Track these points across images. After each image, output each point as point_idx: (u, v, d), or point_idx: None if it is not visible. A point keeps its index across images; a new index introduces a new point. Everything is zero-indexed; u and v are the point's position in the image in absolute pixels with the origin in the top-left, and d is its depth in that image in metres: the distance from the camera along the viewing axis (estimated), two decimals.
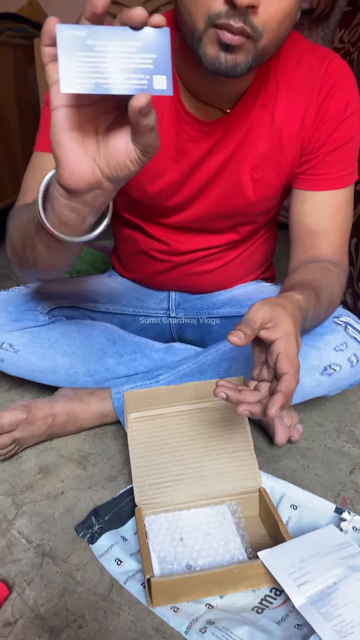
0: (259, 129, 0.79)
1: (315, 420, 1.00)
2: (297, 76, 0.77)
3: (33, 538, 0.74)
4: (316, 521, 0.74)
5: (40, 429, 0.88)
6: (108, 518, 0.75)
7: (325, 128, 0.79)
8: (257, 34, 0.62)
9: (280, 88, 0.77)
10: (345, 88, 0.78)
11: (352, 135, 0.80)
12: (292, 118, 0.78)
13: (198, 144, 0.80)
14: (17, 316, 0.91)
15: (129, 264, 1.05)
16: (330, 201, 0.82)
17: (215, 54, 0.64)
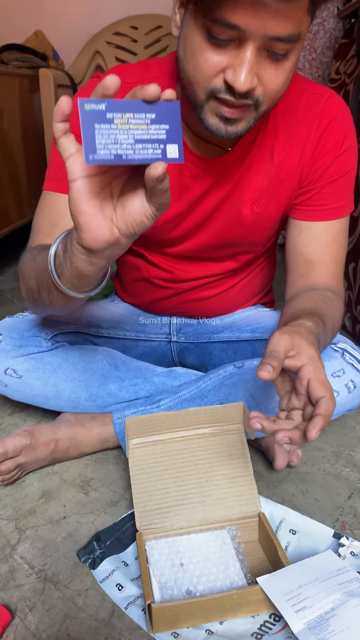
0: (258, 166, 0.82)
1: (315, 444, 1.01)
2: (296, 115, 0.80)
3: (35, 563, 0.75)
4: (315, 546, 0.75)
5: (43, 454, 0.89)
6: (109, 543, 0.76)
7: (323, 161, 0.82)
8: (257, 103, 0.66)
9: (279, 127, 0.81)
10: (342, 123, 0.81)
11: (348, 169, 0.83)
12: (291, 153, 0.82)
13: (199, 181, 0.83)
14: (21, 342, 0.93)
15: (131, 290, 1.08)
16: (327, 231, 0.85)
17: (216, 124, 0.67)
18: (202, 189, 0.83)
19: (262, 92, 0.64)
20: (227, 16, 0.58)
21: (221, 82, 0.63)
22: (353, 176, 0.85)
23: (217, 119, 0.67)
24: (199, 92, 0.66)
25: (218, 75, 0.63)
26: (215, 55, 0.62)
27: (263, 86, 0.64)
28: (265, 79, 0.63)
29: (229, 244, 0.91)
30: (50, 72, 1.91)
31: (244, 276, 1.00)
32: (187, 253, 0.92)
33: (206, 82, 0.64)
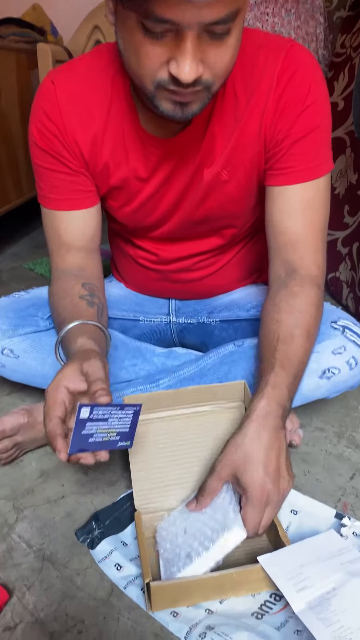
0: (221, 134, 0.78)
1: (316, 425, 1.00)
2: (254, 75, 0.75)
3: (33, 542, 0.74)
4: (316, 526, 0.74)
5: (41, 433, 0.88)
6: (108, 523, 0.75)
7: (285, 120, 0.76)
8: (208, 85, 0.63)
9: (238, 92, 0.76)
10: (304, 76, 0.74)
11: (316, 124, 0.76)
12: (252, 116, 0.76)
13: (165, 162, 0.80)
14: (17, 322, 0.92)
15: (124, 274, 1.06)
16: (301, 196, 0.79)
17: (171, 108, 0.65)
18: (169, 169, 0.81)
19: (210, 75, 0.62)
20: (158, 12, 0.54)
21: (166, 74, 0.61)
22: (325, 132, 0.78)
23: (170, 104, 0.65)
24: (146, 85, 0.63)
25: (162, 67, 0.60)
26: (156, 47, 0.59)
27: (210, 68, 0.61)
28: (210, 62, 0.60)
29: (206, 218, 0.88)
30: (49, 47, 1.86)
31: (234, 253, 0.98)
32: (170, 234, 0.90)
33: (151, 76, 0.62)
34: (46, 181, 0.83)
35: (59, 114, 0.77)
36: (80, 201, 0.83)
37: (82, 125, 0.78)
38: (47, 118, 0.78)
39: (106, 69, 0.78)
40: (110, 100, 0.77)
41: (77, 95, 0.77)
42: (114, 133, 0.79)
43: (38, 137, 0.80)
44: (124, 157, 0.80)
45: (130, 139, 0.79)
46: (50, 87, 0.78)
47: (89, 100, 0.78)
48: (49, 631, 0.62)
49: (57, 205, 0.83)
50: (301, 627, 0.58)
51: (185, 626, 0.60)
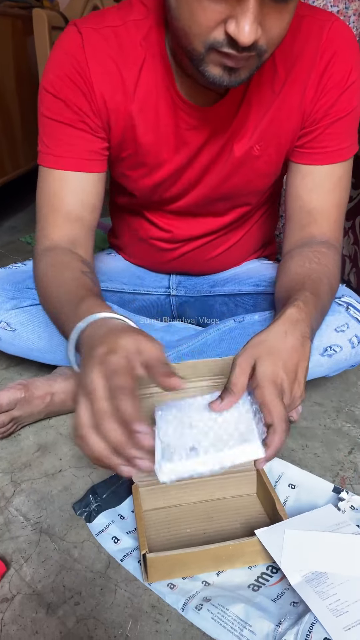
0: (257, 106, 0.75)
1: (315, 400, 0.99)
2: (295, 46, 0.72)
3: (31, 515, 0.74)
4: (314, 501, 0.74)
5: (39, 408, 0.88)
6: (105, 496, 0.75)
7: (327, 98, 0.74)
8: (261, 52, 0.59)
9: (277, 62, 0.73)
10: (347, 55, 0.73)
11: (354, 106, 0.76)
12: (292, 90, 0.74)
13: (197, 132, 0.76)
14: (14, 294, 0.90)
15: (131, 251, 1.04)
16: (330, 176, 0.79)
17: (219, 74, 0.61)
18: (200, 140, 0.77)
19: (265, 41, 0.58)
20: None
21: (222, 34, 0.56)
22: (358, 114, 0.78)
23: (219, 69, 0.60)
24: (196, 46, 0.59)
25: (218, 27, 0.56)
26: (214, 3, 0.54)
27: (266, 34, 0.57)
28: (268, 26, 0.56)
29: (228, 195, 0.85)
30: (45, 13, 1.81)
31: (244, 232, 0.96)
32: (187, 208, 0.87)
33: (205, 35, 0.57)
34: (54, 136, 0.75)
35: (86, 65, 0.70)
36: (91, 163, 0.76)
37: (111, 82, 0.72)
38: (70, 65, 0.70)
39: (137, 22, 0.72)
40: (143, 59, 0.72)
41: (106, 51, 0.71)
42: (145, 94, 0.73)
43: (57, 84, 0.71)
44: (154, 120, 0.75)
45: (163, 102, 0.74)
46: (77, 38, 0.71)
47: (120, 57, 0.71)
48: (46, 602, 0.62)
49: (63, 163, 0.75)
50: (297, 599, 0.59)
51: (182, 598, 0.61)
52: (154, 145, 0.77)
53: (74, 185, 0.76)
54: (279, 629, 0.55)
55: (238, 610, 0.58)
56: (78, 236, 0.77)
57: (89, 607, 0.61)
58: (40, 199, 0.78)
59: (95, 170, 0.77)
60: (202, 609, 0.59)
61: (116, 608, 0.61)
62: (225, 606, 0.59)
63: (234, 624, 0.57)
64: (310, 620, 0.54)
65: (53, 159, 0.75)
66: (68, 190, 0.76)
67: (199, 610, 0.59)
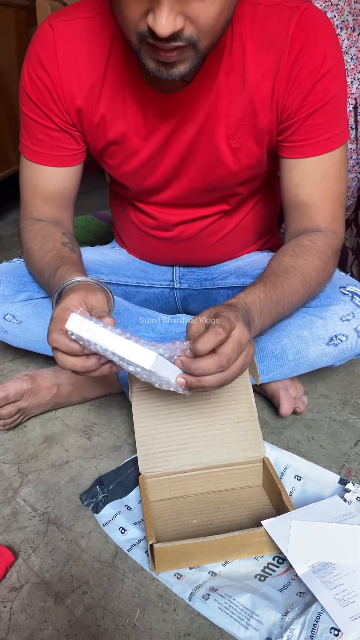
0: (227, 96, 0.74)
1: (321, 392, 0.99)
2: (266, 33, 0.70)
3: (38, 506, 0.75)
4: (320, 492, 0.74)
5: (45, 399, 0.88)
6: (112, 487, 0.76)
7: (299, 90, 0.72)
8: (193, 41, 0.58)
9: (247, 49, 0.71)
10: (319, 43, 0.70)
11: (332, 94, 0.73)
12: (264, 81, 0.72)
13: (165, 119, 0.76)
14: (20, 287, 0.90)
15: (126, 240, 1.04)
16: (317, 168, 0.77)
17: (156, 67, 0.61)
18: (169, 127, 0.77)
19: (193, 30, 0.57)
20: None
21: (146, 26, 0.57)
22: (340, 101, 0.75)
23: (155, 62, 0.61)
24: (131, 38, 0.60)
25: (142, 19, 0.57)
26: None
27: (193, 23, 0.57)
28: (194, 16, 0.56)
29: (214, 187, 0.84)
30: (48, 3, 1.79)
31: (240, 218, 0.95)
32: (174, 200, 0.87)
33: (133, 28, 0.58)
34: (30, 131, 0.81)
35: (56, 63, 0.74)
36: (61, 159, 0.82)
37: (80, 74, 0.75)
38: (41, 67, 0.75)
39: (108, 15, 0.73)
40: (110, 49, 0.74)
41: (76, 42, 0.74)
42: (113, 84, 0.75)
43: (29, 85, 0.77)
44: (122, 110, 0.77)
45: (129, 91, 0.75)
46: (48, 32, 0.74)
47: (89, 48, 0.74)
48: (54, 591, 0.63)
49: (37, 158, 0.82)
50: (304, 589, 0.59)
51: (189, 588, 0.61)
52: (125, 133, 0.79)
53: (48, 177, 0.83)
54: (285, 618, 0.56)
55: (245, 600, 0.58)
56: (58, 215, 0.86)
57: (97, 596, 0.62)
58: (21, 183, 0.86)
59: (65, 164, 0.83)
60: (209, 598, 0.59)
61: (124, 597, 0.62)
62: (232, 596, 0.59)
63: (241, 614, 0.57)
64: (317, 610, 0.54)
65: (28, 152, 0.82)
66: (42, 180, 0.83)
67: (206, 600, 0.59)
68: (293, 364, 0.86)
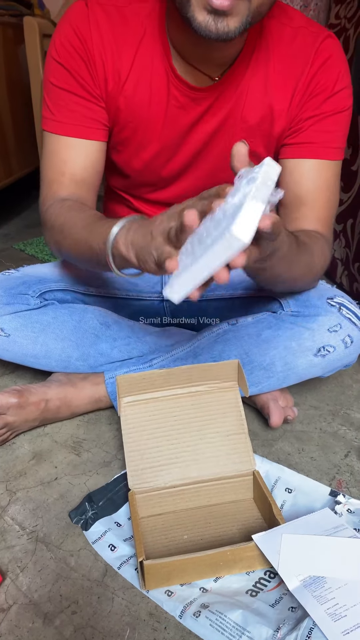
0: (249, 98, 0.78)
1: (311, 403, 0.99)
2: (290, 50, 0.76)
3: (26, 524, 0.73)
4: (311, 504, 0.74)
5: (33, 414, 0.87)
6: (102, 504, 0.75)
7: (313, 101, 0.78)
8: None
9: (272, 59, 0.76)
10: (337, 64, 0.77)
11: (340, 108, 0.79)
12: (284, 91, 0.78)
13: (186, 112, 0.79)
14: (8, 300, 0.90)
15: None
16: (318, 171, 0.80)
17: (205, 20, 0.62)
18: (190, 119, 0.79)
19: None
20: None
21: None
22: (346, 120, 0.80)
23: (205, 13, 0.61)
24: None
25: None
26: None
27: None
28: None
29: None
30: (35, 21, 1.81)
31: None
32: (175, 199, 0.88)
33: None
34: (59, 102, 0.77)
35: (89, 35, 0.74)
36: (93, 131, 0.79)
37: (110, 55, 0.75)
38: (74, 35, 0.74)
39: (141, 5, 0.75)
40: (141, 37, 0.75)
41: (108, 24, 0.74)
42: (141, 70, 0.76)
43: (61, 52, 0.75)
44: (148, 97, 0.78)
45: (157, 79, 0.77)
46: (84, 9, 0.75)
47: (121, 32, 0.75)
48: (43, 612, 0.61)
49: (66, 130, 0.78)
50: (296, 604, 0.58)
51: (180, 605, 0.60)
52: (145, 120, 0.79)
53: (77, 150, 0.79)
54: (277, 634, 0.55)
55: (236, 616, 0.58)
56: (84, 195, 0.80)
57: (86, 616, 0.61)
58: (44, 163, 0.81)
59: (95, 138, 0.79)
60: (200, 615, 0.58)
61: (114, 616, 0.61)
62: (223, 612, 0.58)
63: (233, 631, 0.56)
64: (309, 625, 0.54)
65: (56, 125, 0.78)
66: (71, 154, 0.79)
67: (197, 617, 0.58)
68: (282, 375, 0.86)
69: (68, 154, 0.79)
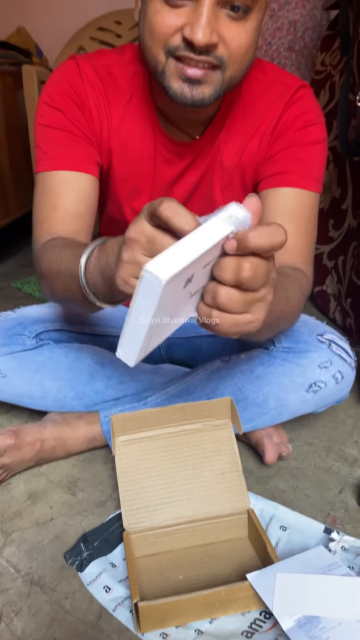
0: (224, 153, 0.82)
1: (305, 439, 1.00)
2: (264, 103, 0.80)
3: (21, 566, 0.73)
4: (306, 542, 0.74)
5: (29, 455, 0.88)
6: (97, 544, 0.75)
7: (285, 135, 0.80)
8: (222, 63, 0.64)
9: (247, 116, 0.80)
10: (308, 104, 0.80)
11: (313, 140, 0.80)
12: (255, 138, 0.81)
13: (172, 166, 0.83)
14: (4, 341, 0.91)
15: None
16: (294, 200, 0.80)
17: (180, 87, 0.66)
18: (175, 173, 0.84)
19: (225, 51, 0.64)
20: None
21: (179, 39, 0.63)
22: (319, 153, 0.81)
23: (180, 81, 0.66)
24: (157, 54, 0.65)
25: (176, 34, 0.63)
26: (172, 15, 0.62)
27: (225, 45, 0.63)
28: (227, 37, 0.63)
29: None
30: (34, 69, 1.88)
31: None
32: None
33: (164, 41, 0.64)
34: (51, 141, 0.78)
35: (83, 87, 0.77)
36: (86, 164, 0.78)
37: (104, 109, 0.78)
38: (68, 85, 0.77)
39: (128, 64, 0.79)
40: (130, 94, 0.79)
41: (98, 83, 0.78)
42: (130, 125, 0.80)
43: (55, 98, 0.77)
44: (137, 151, 0.82)
45: (145, 135, 0.81)
46: (75, 66, 0.78)
47: (111, 90, 0.78)
48: None
49: (59, 164, 0.77)
50: None
51: None
52: (137, 173, 0.84)
53: (71, 183, 0.78)
54: None
55: None
56: (79, 230, 0.78)
57: None
58: (37, 202, 0.80)
59: (89, 171, 0.79)
60: None
61: None
62: None
63: None
64: None
65: (49, 162, 0.78)
66: (64, 187, 0.78)
67: None
68: (275, 411, 0.87)
69: (61, 188, 0.78)
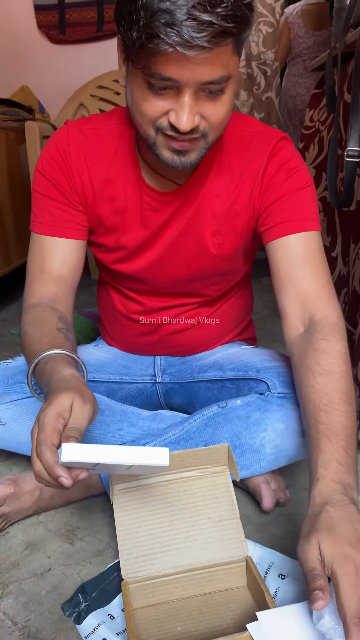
0: (213, 198, 0.87)
1: (303, 485, 1.00)
2: (248, 152, 0.86)
3: (19, 619, 0.72)
4: (305, 590, 0.73)
5: (28, 503, 0.88)
6: (95, 595, 0.74)
7: (273, 187, 0.85)
8: (204, 134, 0.73)
9: (233, 167, 0.86)
10: (289, 155, 0.85)
11: (301, 185, 0.85)
12: (244, 189, 0.86)
13: (158, 213, 0.88)
14: (4, 389, 0.93)
15: (111, 330, 1.10)
16: (301, 244, 0.83)
17: (170, 156, 0.74)
18: (161, 220, 0.89)
19: (206, 125, 0.72)
20: (161, 71, 0.65)
21: (166, 122, 0.71)
22: (310, 194, 0.85)
23: (169, 152, 0.74)
24: (148, 131, 0.73)
25: (162, 117, 0.71)
26: (158, 101, 0.69)
27: (206, 120, 0.71)
28: (207, 115, 0.71)
29: (197, 277, 0.94)
30: (36, 125, 1.97)
31: (219, 306, 1.03)
32: (158, 287, 0.97)
33: (153, 122, 0.72)
34: (42, 207, 0.89)
35: (68, 151, 0.86)
36: (70, 231, 0.89)
37: (87, 171, 0.87)
38: (57, 151, 0.87)
39: (115, 126, 0.88)
40: (115, 152, 0.87)
41: (86, 142, 0.87)
42: (115, 178, 0.87)
43: (45, 166, 0.88)
44: (123, 203, 0.88)
45: (130, 187, 0.87)
46: (64, 130, 0.88)
47: (96, 148, 0.87)
48: None
49: (47, 230, 0.89)
50: None
51: None
52: (124, 224, 0.90)
53: (57, 248, 0.89)
54: None
55: None
56: (59, 293, 0.89)
57: None
58: (29, 261, 0.91)
59: (74, 237, 0.90)
60: None
61: None
62: None
63: None
64: None
65: (39, 226, 0.90)
66: (50, 252, 0.89)
67: None
68: (272, 457, 0.88)
69: (47, 252, 0.89)
